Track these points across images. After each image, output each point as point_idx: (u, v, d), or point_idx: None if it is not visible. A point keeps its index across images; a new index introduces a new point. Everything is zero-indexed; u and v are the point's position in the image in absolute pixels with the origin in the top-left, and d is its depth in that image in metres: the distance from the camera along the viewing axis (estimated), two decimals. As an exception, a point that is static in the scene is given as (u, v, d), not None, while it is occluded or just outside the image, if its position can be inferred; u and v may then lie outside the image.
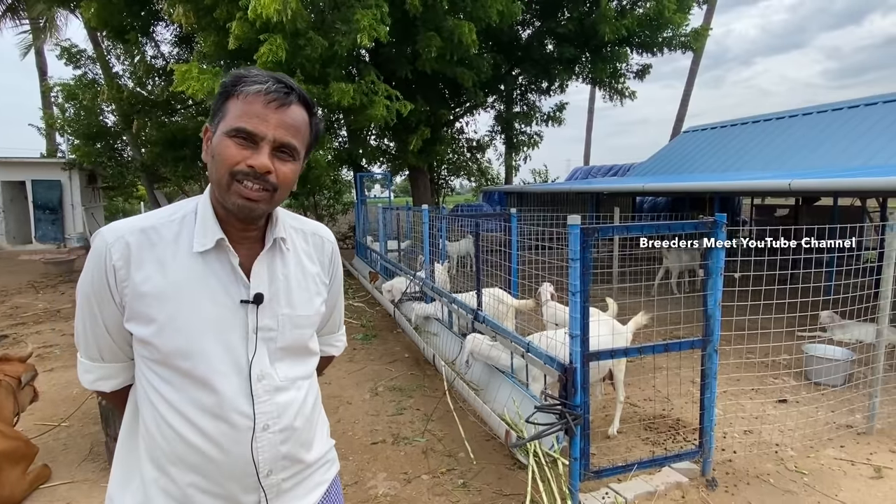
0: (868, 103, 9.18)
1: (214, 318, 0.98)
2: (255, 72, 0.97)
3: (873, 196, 9.03)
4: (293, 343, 1.07)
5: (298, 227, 1.14)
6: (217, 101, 0.99)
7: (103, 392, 1.08)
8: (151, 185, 15.71)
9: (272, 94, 0.94)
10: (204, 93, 7.13)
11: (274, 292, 1.04)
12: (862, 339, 5.10)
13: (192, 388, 0.97)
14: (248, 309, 1.00)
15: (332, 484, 1.19)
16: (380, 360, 5.27)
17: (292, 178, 1.00)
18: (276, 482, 1.04)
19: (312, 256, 1.14)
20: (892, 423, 3.63)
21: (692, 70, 18.64)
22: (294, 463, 1.07)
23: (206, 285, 0.98)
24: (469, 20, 7.78)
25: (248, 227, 1.03)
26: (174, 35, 12.10)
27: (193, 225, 1.00)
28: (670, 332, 4.99)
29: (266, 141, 0.94)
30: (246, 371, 0.99)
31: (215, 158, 0.96)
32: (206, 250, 0.98)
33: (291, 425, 1.05)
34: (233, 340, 0.99)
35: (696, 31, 10.28)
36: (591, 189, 11.22)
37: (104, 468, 3.21)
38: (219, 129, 0.97)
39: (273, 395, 1.02)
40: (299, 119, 0.99)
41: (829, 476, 3.04)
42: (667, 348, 2.96)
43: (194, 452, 0.98)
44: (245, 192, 0.94)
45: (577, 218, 2.58)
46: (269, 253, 1.05)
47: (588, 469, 2.76)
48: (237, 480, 1.00)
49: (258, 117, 0.94)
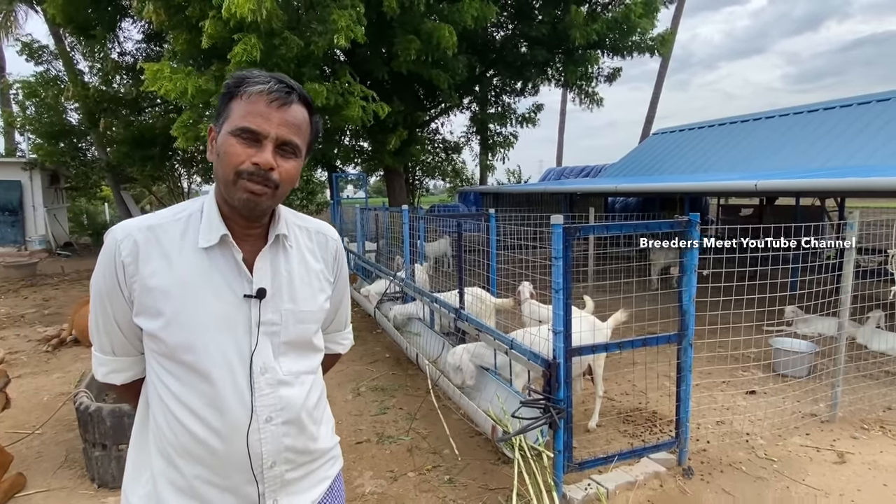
0: (826, 107, 9.61)
1: (218, 313, 1.01)
2: (257, 73, 1.01)
3: (832, 196, 9.45)
4: (297, 338, 1.10)
5: (303, 226, 1.17)
6: (221, 102, 1.03)
7: (114, 385, 1.11)
8: (118, 186, 15.27)
9: (274, 94, 0.98)
10: (177, 93, 7.00)
11: (277, 287, 1.07)
12: (824, 332, 5.35)
13: (196, 380, 1.01)
14: (252, 303, 1.03)
15: (335, 480, 1.22)
16: (360, 360, 5.27)
17: (295, 175, 1.04)
18: (280, 473, 1.07)
19: (316, 254, 1.17)
20: (852, 412, 3.83)
21: (660, 73, 19.15)
22: (298, 455, 1.10)
23: (210, 280, 1.01)
24: (445, 23, 7.84)
25: (251, 225, 1.06)
26: (142, 32, 11.80)
27: (199, 223, 1.04)
28: (645, 329, 5.14)
29: (269, 139, 0.98)
30: (248, 364, 1.02)
31: (221, 157, 1.00)
32: (211, 246, 1.02)
33: (296, 418, 1.08)
34: (236, 334, 1.02)
35: (662, 35, 10.58)
36: (565, 189, 11.41)
37: (81, 475, 3.14)
38: (223, 129, 1.00)
39: (276, 389, 1.05)
40: (300, 117, 1.03)
41: (797, 462, 3.20)
42: (644, 343, 3.06)
43: (199, 444, 1.01)
44: (250, 186, 0.98)
45: (559, 218, 2.66)
46: (271, 249, 1.08)
47: (571, 461, 2.84)
48: (239, 471, 1.03)
49: (261, 116, 0.97)
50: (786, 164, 8.78)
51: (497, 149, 12.84)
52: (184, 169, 17.76)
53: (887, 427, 3.62)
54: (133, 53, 12.43)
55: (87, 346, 5.74)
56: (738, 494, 2.87)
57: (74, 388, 4.41)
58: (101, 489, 3.00)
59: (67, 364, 5.28)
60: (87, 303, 5.96)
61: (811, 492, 2.89)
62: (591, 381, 3.84)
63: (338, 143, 12.00)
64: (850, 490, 2.90)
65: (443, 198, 27.53)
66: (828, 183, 5.50)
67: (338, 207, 11.43)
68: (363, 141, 12.80)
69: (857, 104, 9.14)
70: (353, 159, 13.35)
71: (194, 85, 7.03)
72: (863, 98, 9.18)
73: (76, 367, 5.15)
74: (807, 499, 2.82)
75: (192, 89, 7.01)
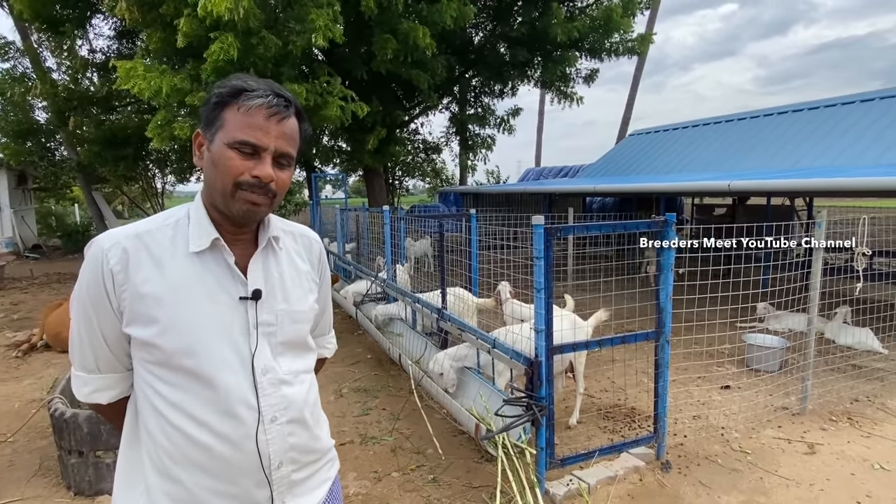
0: (795, 110, 9.91)
1: (215, 316, 1.01)
2: (254, 83, 1.01)
3: (801, 196, 9.76)
4: (293, 337, 1.11)
5: (287, 230, 1.19)
6: (212, 108, 1.01)
7: (100, 405, 1.08)
8: (89, 186, 14.86)
9: (274, 108, 0.99)
10: (151, 91, 6.85)
11: (270, 289, 1.08)
12: (794, 328, 5.53)
13: (198, 386, 1.00)
14: (248, 305, 1.04)
15: (334, 482, 1.23)
16: (342, 362, 5.25)
17: (288, 183, 1.07)
18: (286, 474, 1.07)
19: (303, 255, 1.19)
20: (822, 404, 3.97)
21: (636, 76, 19.47)
22: (303, 454, 1.11)
23: (204, 284, 1.02)
24: (423, 24, 7.84)
25: (241, 231, 1.07)
26: (114, 29, 11.51)
27: (187, 228, 1.04)
28: (624, 326, 5.24)
29: (268, 152, 1.00)
30: (249, 365, 1.03)
31: (218, 168, 1.00)
32: (202, 251, 1.02)
33: (299, 417, 1.09)
34: (234, 336, 1.03)
35: (641, 36, 10.75)
36: (544, 190, 11.53)
37: (57, 483, 3.07)
38: (218, 139, 1.00)
39: (278, 388, 1.06)
40: (295, 129, 1.05)
41: (770, 454, 3.30)
42: (623, 340, 3.13)
43: (204, 452, 1.00)
44: (251, 197, 1.00)
45: (541, 218, 2.70)
46: (263, 252, 1.09)
47: (553, 458, 2.88)
48: (249, 475, 1.03)
49: (261, 130, 0.98)
50: (757, 165, 9.04)
51: (477, 149, 12.90)
52: (157, 169, 17.40)
53: (854, 418, 3.76)
54: (104, 51, 12.11)
55: (58, 351, 5.59)
56: (715, 486, 2.95)
57: (48, 395, 4.30)
58: (77, 497, 2.93)
59: (39, 370, 5.13)
60: (58, 306, 5.82)
61: (783, 482, 2.99)
62: (572, 378, 3.91)
63: (316, 143, 11.91)
64: (819, 480, 3.01)
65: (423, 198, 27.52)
66: (798, 183, 5.68)
67: (317, 208, 11.34)
68: (342, 141, 12.72)
69: (823, 107, 9.45)
70: (332, 159, 13.26)
71: (169, 84, 6.89)
72: (829, 101, 9.50)
73: (48, 372, 5.02)
74: (779, 489, 2.92)
75: (166, 88, 6.88)
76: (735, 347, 5.03)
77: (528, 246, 2.82)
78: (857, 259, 4.03)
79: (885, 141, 7.57)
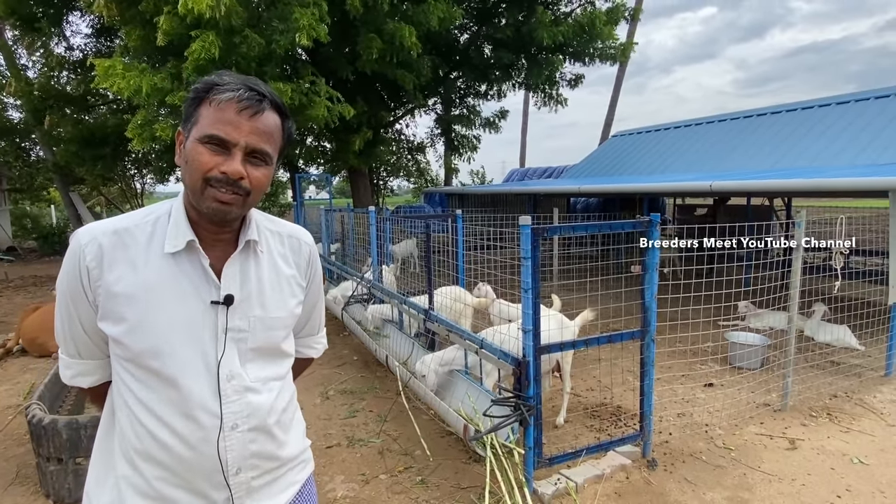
0: (774, 111, 10.10)
1: (184, 319, 1.00)
2: (228, 78, 0.99)
3: (781, 196, 9.95)
4: (265, 344, 1.09)
5: (275, 230, 1.16)
6: (189, 106, 1.00)
7: (83, 388, 1.11)
8: (66, 187, 14.53)
9: (245, 102, 0.96)
10: (130, 90, 6.73)
11: (246, 294, 1.06)
12: (775, 325, 5.63)
13: (162, 387, 0.99)
14: (219, 310, 1.02)
15: (304, 484, 1.21)
16: (328, 363, 5.21)
17: (265, 182, 1.03)
18: (246, 480, 1.06)
19: (288, 258, 1.16)
20: (802, 400, 4.05)
21: (618, 78, 19.68)
22: (265, 461, 1.09)
23: (176, 286, 1.00)
24: (409, 24, 7.83)
25: (221, 230, 1.05)
26: (92, 26, 11.28)
27: (167, 227, 1.02)
28: (610, 326, 5.28)
29: (238, 147, 0.96)
30: (215, 371, 1.01)
31: (188, 164, 0.98)
32: (178, 252, 1.00)
33: (262, 425, 1.07)
34: (203, 341, 1.01)
35: (623, 45, 10.88)
36: (530, 190, 11.58)
37: (35, 491, 2.99)
38: (191, 135, 0.98)
39: (243, 395, 1.04)
40: (272, 125, 1.01)
41: (752, 450, 3.36)
42: (610, 340, 3.15)
43: (164, 450, 1.00)
44: (219, 195, 0.97)
45: (527, 219, 2.70)
46: (241, 255, 1.07)
47: (541, 457, 2.89)
48: (206, 478, 1.02)
49: (231, 124, 0.96)
50: (737, 166, 9.19)
51: (462, 150, 12.91)
52: (136, 169, 17.10)
53: (833, 414, 3.84)
54: (82, 48, 11.87)
55: (35, 356, 5.46)
56: (700, 483, 2.99)
57: (25, 401, 4.19)
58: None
59: (15, 375, 5.00)
60: (34, 310, 5.68)
61: (766, 477, 3.04)
62: (558, 377, 3.93)
63: (301, 144, 11.81)
64: (801, 474, 3.06)
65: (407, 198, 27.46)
66: (778, 184, 5.79)
67: (301, 209, 11.24)
68: (326, 141, 12.64)
69: (801, 109, 9.65)
70: (317, 159, 13.16)
71: (149, 83, 6.78)
72: (807, 103, 9.70)
73: (25, 378, 4.89)
74: (762, 484, 2.97)
75: (146, 87, 6.76)
76: (718, 346, 5.11)
77: (515, 246, 2.83)
78: (835, 258, 4.12)
79: (861, 142, 7.76)
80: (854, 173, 5.42)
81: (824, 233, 4.69)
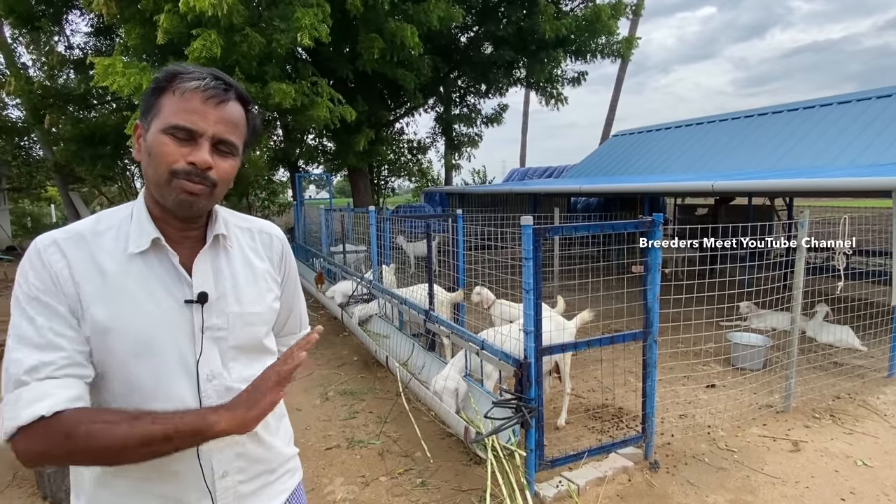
0: (775, 111, 10.07)
1: (159, 320, 0.96)
2: (191, 67, 0.96)
3: (782, 196, 9.92)
4: (246, 341, 1.06)
5: (245, 226, 1.13)
6: (149, 96, 0.96)
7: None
8: (65, 186, 14.51)
9: (211, 91, 0.93)
10: (130, 88, 6.70)
11: (221, 291, 1.02)
12: (777, 326, 5.60)
13: (138, 392, 0.95)
14: (194, 308, 0.98)
15: (293, 493, 1.19)
16: (328, 364, 5.19)
17: (231, 174, 1.00)
18: (233, 484, 1.03)
19: (261, 253, 1.12)
20: (805, 401, 4.02)
21: (619, 77, 19.63)
22: (252, 464, 1.07)
23: (147, 287, 0.96)
24: (410, 24, 7.80)
25: (188, 226, 1.01)
26: (91, 25, 11.27)
27: (129, 228, 0.98)
28: (611, 326, 5.26)
29: (205, 137, 0.93)
30: (194, 372, 0.98)
31: (152, 156, 0.94)
32: (144, 251, 0.96)
33: None
34: (179, 341, 0.97)
35: (627, 38, 10.85)
36: (530, 190, 11.55)
37: (32, 493, 2.98)
38: (153, 127, 0.94)
39: (224, 396, 0.99)
40: (237, 115, 0.98)
41: (755, 452, 3.33)
42: (612, 341, 3.13)
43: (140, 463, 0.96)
44: (186, 186, 0.93)
45: (529, 219, 2.68)
46: (211, 250, 1.03)
47: (543, 459, 2.87)
48: (190, 483, 0.99)
49: (197, 114, 0.92)
50: (737, 166, 9.16)
51: (462, 148, 12.89)
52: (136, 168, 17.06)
53: (836, 415, 3.82)
54: (81, 47, 11.86)
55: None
56: (702, 485, 2.97)
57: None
58: (54, 507, 2.84)
59: (13, 375, 4.98)
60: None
61: (769, 480, 3.01)
62: (558, 378, 3.90)
63: (301, 143, 11.78)
64: (804, 477, 3.04)
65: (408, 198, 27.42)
66: (780, 183, 5.76)
67: (301, 208, 11.22)
68: (327, 140, 12.61)
69: (802, 108, 9.61)
70: (317, 159, 13.14)
71: (150, 80, 6.71)
72: (808, 103, 9.66)
73: (23, 378, 4.87)
74: (765, 487, 2.95)
75: (147, 85, 6.73)
76: (720, 346, 5.09)
77: (516, 246, 2.80)
78: (838, 258, 4.09)
79: (863, 142, 7.73)
80: (856, 173, 5.40)
81: (826, 233, 4.66)
